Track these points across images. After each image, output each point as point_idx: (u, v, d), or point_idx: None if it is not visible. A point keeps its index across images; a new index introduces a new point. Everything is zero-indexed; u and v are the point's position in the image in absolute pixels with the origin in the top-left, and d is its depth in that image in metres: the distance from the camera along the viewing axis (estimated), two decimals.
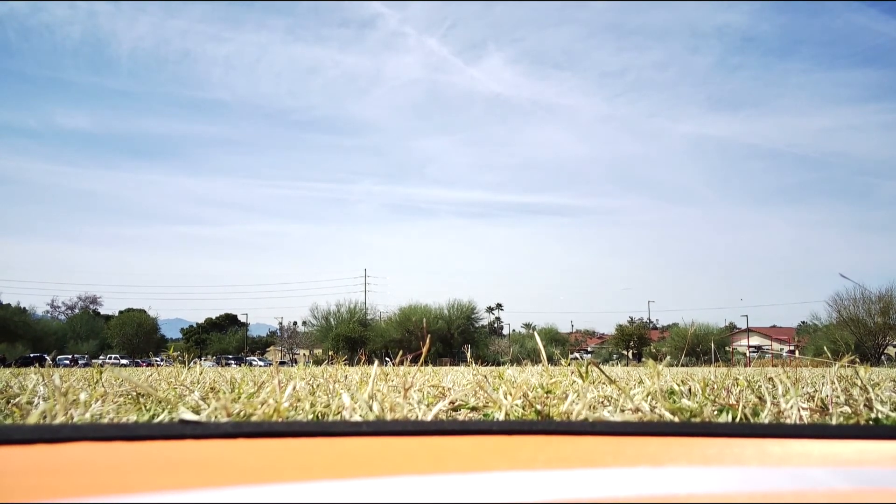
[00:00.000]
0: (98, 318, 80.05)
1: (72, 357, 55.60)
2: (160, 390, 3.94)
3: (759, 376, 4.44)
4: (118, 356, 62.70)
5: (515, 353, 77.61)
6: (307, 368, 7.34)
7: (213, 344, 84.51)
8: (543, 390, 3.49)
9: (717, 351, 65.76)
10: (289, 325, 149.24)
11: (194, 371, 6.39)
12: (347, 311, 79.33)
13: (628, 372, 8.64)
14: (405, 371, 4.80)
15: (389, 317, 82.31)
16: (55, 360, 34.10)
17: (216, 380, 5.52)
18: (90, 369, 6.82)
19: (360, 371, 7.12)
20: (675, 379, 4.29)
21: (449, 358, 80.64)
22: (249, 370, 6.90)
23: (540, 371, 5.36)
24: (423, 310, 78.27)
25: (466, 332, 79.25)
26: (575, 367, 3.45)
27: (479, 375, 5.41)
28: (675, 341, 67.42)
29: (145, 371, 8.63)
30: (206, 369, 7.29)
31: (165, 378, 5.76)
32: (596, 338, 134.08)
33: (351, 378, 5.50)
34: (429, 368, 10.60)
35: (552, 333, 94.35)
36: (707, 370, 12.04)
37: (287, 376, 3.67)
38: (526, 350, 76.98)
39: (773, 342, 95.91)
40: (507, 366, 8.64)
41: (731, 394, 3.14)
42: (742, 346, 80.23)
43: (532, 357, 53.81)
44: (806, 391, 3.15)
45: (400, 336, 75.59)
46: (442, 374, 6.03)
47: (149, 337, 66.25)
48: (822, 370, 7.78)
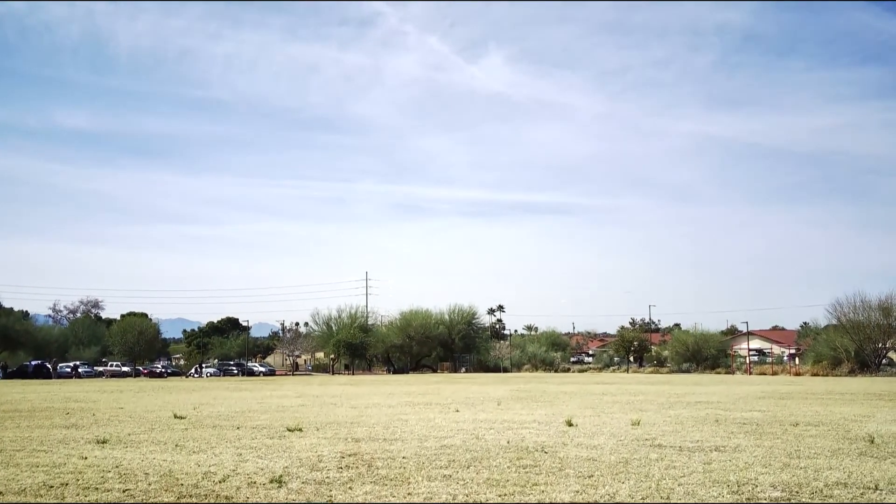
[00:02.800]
0: (100, 324, 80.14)
1: (73, 366, 55.67)
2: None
3: None
4: (119, 363, 62.81)
5: (515, 358, 77.62)
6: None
7: (215, 348, 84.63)
8: None
9: (717, 357, 65.62)
10: (291, 326, 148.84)
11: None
12: (349, 316, 79.39)
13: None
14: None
15: (391, 321, 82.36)
16: (56, 368, 34.41)
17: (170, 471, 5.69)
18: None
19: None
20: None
21: (450, 363, 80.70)
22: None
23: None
24: (423, 314, 78.25)
25: (467, 336, 79.24)
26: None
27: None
28: (676, 346, 67.39)
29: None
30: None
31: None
32: (597, 340, 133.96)
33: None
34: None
35: (553, 337, 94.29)
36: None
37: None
38: (527, 355, 76.99)
39: (773, 346, 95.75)
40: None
41: None
42: (743, 350, 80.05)
43: (532, 362, 54.31)
44: None
45: (401, 342, 75.60)
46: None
47: (150, 344, 66.30)
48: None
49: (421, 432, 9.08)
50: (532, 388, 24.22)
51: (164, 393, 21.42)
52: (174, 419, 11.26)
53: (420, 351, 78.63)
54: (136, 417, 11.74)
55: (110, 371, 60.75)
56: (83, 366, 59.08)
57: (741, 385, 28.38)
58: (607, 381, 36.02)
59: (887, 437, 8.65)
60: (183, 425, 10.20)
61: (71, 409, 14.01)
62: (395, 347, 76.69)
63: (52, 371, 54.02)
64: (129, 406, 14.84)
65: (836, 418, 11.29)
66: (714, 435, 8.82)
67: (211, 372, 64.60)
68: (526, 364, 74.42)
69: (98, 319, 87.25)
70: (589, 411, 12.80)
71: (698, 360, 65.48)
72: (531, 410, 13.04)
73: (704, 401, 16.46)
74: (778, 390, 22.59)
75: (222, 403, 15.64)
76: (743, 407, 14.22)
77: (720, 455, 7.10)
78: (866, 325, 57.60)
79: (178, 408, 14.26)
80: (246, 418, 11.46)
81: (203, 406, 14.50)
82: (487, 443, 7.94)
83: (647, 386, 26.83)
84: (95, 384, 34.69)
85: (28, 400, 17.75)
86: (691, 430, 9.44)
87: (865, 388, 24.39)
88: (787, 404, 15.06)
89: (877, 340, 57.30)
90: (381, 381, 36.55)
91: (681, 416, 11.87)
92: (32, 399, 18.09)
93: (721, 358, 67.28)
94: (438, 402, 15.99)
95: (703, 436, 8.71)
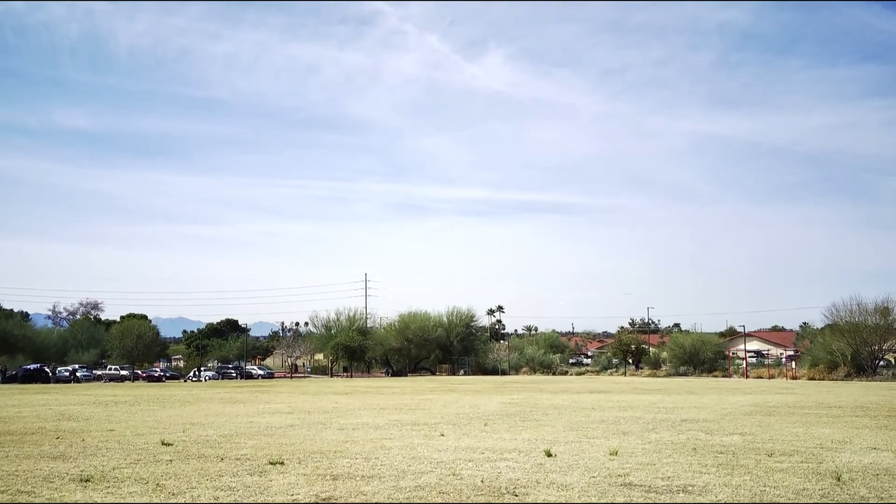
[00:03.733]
0: (99, 326, 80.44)
1: (71, 370, 55.93)
2: None
3: None
4: (118, 367, 63.06)
5: (514, 361, 77.76)
6: None
7: (214, 351, 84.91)
8: None
9: (714, 360, 65.74)
10: (291, 326, 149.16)
11: None
12: (347, 318, 79.61)
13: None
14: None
15: (389, 323, 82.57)
16: (55, 373, 34.85)
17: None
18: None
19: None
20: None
21: (448, 365, 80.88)
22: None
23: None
24: (421, 317, 78.48)
25: (466, 339, 79.44)
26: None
27: None
28: (674, 350, 67.61)
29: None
30: None
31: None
32: (597, 341, 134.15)
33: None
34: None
35: (552, 339, 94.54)
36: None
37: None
38: (525, 357, 77.17)
39: (772, 347, 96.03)
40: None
41: None
42: (741, 351, 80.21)
43: (531, 365, 54.83)
44: None
45: (399, 344, 75.82)
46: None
47: (148, 348, 66.54)
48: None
49: (400, 466, 9.25)
50: (524, 399, 24.39)
51: (157, 407, 21.61)
52: (161, 447, 11.44)
53: (418, 353, 78.85)
54: (124, 444, 11.92)
55: (109, 375, 60.99)
56: (82, 369, 59.34)
57: (733, 394, 28.56)
58: (602, 387, 36.21)
59: (856, 471, 8.82)
60: (169, 455, 10.38)
61: (62, 431, 14.20)
62: (394, 350, 76.92)
63: (52, 375, 54.29)
64: (120, 426, 15.03)
65: (813, 445, 11.46)
66: (687, 469, 8.99)
67: (209, 376, 64.84)
68: (524, 367, 74.63)
69: (97, 321, 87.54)
70: (573, 435, 12.98)
71: (695, 364, 65.66)
72: (515, 433, 13.22)
73: (690, 418, 16.64)
74: (767, 402, 22.76)
75: (213, 423, 15.82)
76: (726, 427, 14.40)
77: (685, 497, 7.27)
78: (862, 328, 57.77)
79: (168, 429, 14.45)
80: (232, 445, 11.64)
81: (192, 428, 14.68)
82: (463, 481, 8.12)
83: (639, 396, 27.01)
84: (92, 391, 34.90)
85: (21, 417, 17.94)
86: (667, 461, 9.61)
87: (855, 399, 24.57)
88: (771, 424, 15.23)
89: (873, 343, 57.49)
90: (375, 387, 36.75)
91: (662, 441, 12.05)
92: (26, 416, 18.28)
93: (718, 361, 67.45)
94: (427, 420, 16.18)
95: (675, 470, 8.88)
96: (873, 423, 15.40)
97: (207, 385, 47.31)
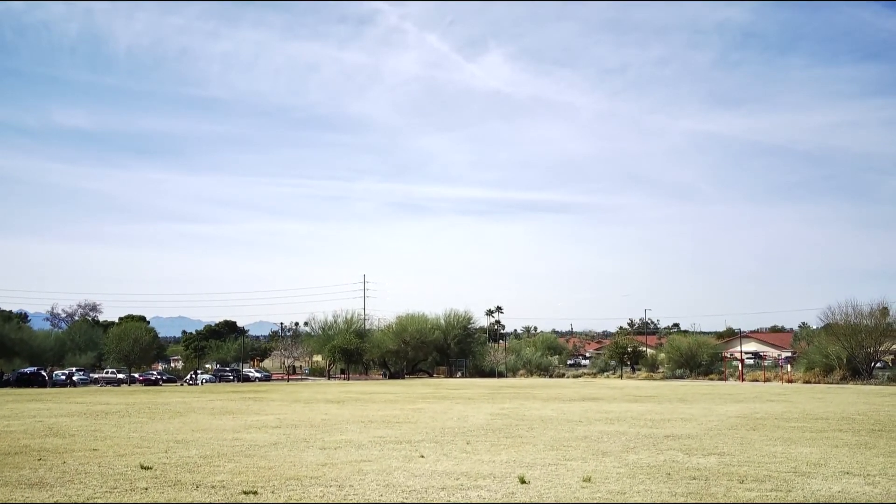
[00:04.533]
0: (97, 328, 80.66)
1: (68, 374, 56.08)
2: None
3: None
4: (114, 370, 63.22)
5: (511, 363, 77.80)
6: None
7: (212, 353, 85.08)
8: None
9: (710, 364, 65.80)
10: (290, 326, 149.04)
11: None
12: (344, 321, 79.72)
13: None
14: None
15: (387, 326, 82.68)
16: (52, 376, 34.97)
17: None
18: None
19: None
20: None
21: (446, 367, 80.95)
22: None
23: None
24: (419, 319, 78.62)
25: (463, 341, 79.54)
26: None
27: None
28: (671, 354, 67.74)
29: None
30: None
31: None
32: (595, 341, 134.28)
33: None
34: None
35: (549, 341, 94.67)
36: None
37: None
38: (522, 360, 77.25)
39: (770, 349, 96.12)
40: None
41: None
42: (739, 352, 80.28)
43: (528, 368, 54.94)
44: None
45: (396, 347, 75.96)
46: None
47: (144, 352, 66.72)
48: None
49: (372, 496, 9.34)
50: (513, 410, 24.48)
51: (146, 419, 21.71)
52: (140, 471, 11.53)
53: (415, 356, 78.98)
54: (104, 467, 12.01)
55: (105, 378, 61.15)
56: (79, 373, 59.49)
57: (724, 402, 28.65)
58: (595, 393, 36.30)
59: (822, 501, 8.90)
60: (145, 482, 10.47)
61: (46, 451, 14.29)
62: (391, 353, 77.02)
63: (48, 379, 54.43)
64: (105, 445, 15.12)
65: (787, 469, 11.54)
66: (657, 498, 9.07)
67: (206, 379, 64.99)
68: (521, 370, 74.73)
69: (95, 323, 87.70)
70: (551, 456, 13.06)
71: (692, 367, 65.75)
72: (495, 454, 13.30)
73: (674, 434, 16.72)
74: (755, 414, 22.84)
75: (197, 440, 15.91)
76: (706, 445, 14.48)
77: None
78: (859, 330, 57.91)
79: (151, 447, 14.54)
80: (211, 469, 11.72)
81: (175, 447, 14.77)
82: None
83: (629, 405, 27.10)
84: (87, 397, 35.02)
85: (9, 432, 18.02)
86: (638, 489, 9.69)
87: (843, 409, 24.66)
88: (752, 441, 15.31)
89: (868, 346, 57.60)
90: (368, 394, 36.85)
91: (639, 463, 12.12)
92: (14, 431, 18.38)
93: (715, 364, 67.57)
94: (410, 437, 16.26)
95: (645, 498, 8.96)
96: (854, 441, 15.48)
97: (202, 390, 47.41)
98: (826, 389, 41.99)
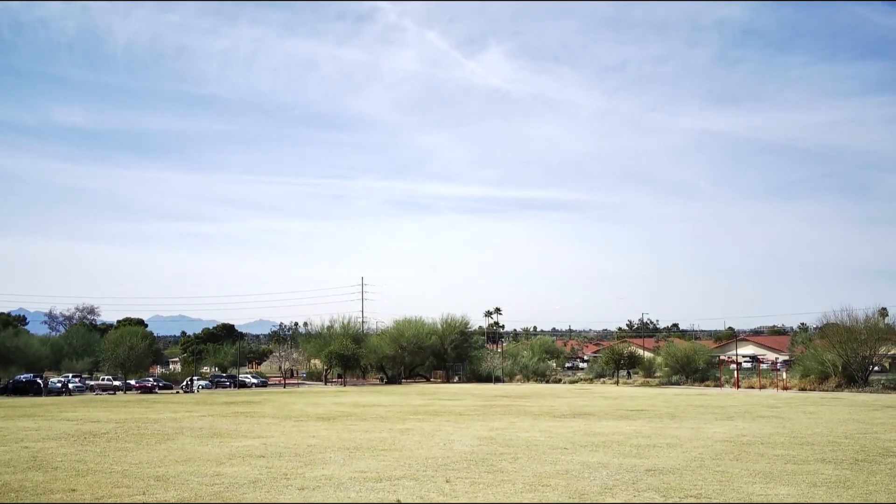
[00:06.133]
0: (94, 332, 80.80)
1: (63, 382, 56.18)
2: None
3: None
4: (110, 377, 63.31)
5: (507, 368, 77.74)
6: None
7: (209, 357, 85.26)
8: None
9: (706, 370, 65.81)
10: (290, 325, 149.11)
11: None
12: (341, 326, 79.86)
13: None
14: None
15: (384, 330, 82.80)
16: (47, 384, 35.07)
17: None
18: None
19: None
20: None
21: (443, 371, 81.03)
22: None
23: None
24: (416, 324, 78.73)
25: (460, 346, 79.61)
26: None
27: None
28: (668, 359, 67.82)
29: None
30: None
31: None
32: (593, 343, 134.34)
33: None
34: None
35: (547, 345, 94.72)
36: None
37: None
38: (519, 365, 77.30)
39: (767, 352, 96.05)
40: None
41: None
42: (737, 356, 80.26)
43: (524, 373, 54.86)
44: None
45: (393, 352, 76.08)
46: None
47: (140, 360, 66.82)
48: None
49: None
50: (500, 434, 24.45)
51: (132, 444, 21.72)
52: None
53: (413, 361, 79.09)
54: None
55: (101, 385, 61.24)
56: (74, 380, 59.58)
57: (715, 419, 28.63)
58: (587, 407, 36.27)
59: None
60: None
61: (24, 489, 14.30)
62: (388, 358, 77.14)
63: (43, 387, 54.53)
64: (84, 484, 15.13)
65: None
66: None
67: (203, 385, 65.09)
68: (518, 374, 74.84)
69: (93, 327, 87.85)
70: (528, 497, 13.05)
71: (688, 373, 65.80)
72: (472, 496, 13.29)
73: (656, 468, 16.68)
74: (742, 437, 22.80)
75: (178, 477, 15.91)
76: (685, 484, 14.44)
77: None
78: (853, 338, 57.91)
79: (130, 486, 14.54)
80: None
81: (154, 487, 14.78)
82: None
83: (618, 423, 27.09)
84: (79, 412, 35.07)
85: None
86: None
87: (832, 429, 24.65)
88: (732, 477, 15.27)
89: (863, 352, 57.59)
90: (361, 406, 36.87)
91: None
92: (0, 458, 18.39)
93: (710, 370, 67.68)
94: (390, 473, 16.26)
95: None
96: (834, 476, 15.46)
97: (196, 400, 47.45)
98: (819, 400, 41.96)
